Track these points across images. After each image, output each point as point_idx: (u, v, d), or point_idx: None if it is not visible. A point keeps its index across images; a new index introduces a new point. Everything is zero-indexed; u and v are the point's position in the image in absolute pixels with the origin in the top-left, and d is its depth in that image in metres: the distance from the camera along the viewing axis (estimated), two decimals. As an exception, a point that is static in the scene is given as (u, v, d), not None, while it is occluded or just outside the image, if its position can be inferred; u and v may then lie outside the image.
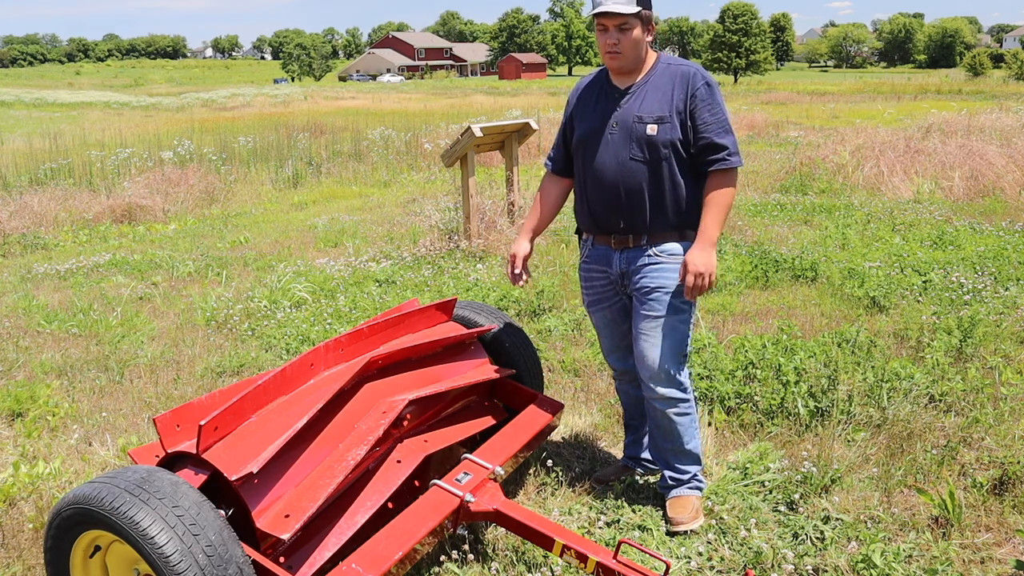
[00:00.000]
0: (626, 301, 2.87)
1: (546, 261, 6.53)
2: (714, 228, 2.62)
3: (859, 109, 24.99)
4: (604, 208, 2.75)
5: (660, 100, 2.64)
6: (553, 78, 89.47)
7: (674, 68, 2.68)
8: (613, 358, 3.02)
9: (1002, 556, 2.62)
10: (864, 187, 9.94)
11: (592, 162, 2.74)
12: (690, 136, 2.64)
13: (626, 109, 2.68)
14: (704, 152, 2.63)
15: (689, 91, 2.62)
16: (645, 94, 2.67)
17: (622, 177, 2.68)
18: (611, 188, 2.70)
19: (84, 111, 35.18)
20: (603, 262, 2.83)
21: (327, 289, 5.94)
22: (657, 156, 2.64)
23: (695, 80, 2.63)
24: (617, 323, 2.92)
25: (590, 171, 2.76)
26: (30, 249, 8.32)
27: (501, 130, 7.38)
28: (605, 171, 2.71)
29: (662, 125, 2.62)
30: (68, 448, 3.56)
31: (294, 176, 12.86)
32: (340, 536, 2.33)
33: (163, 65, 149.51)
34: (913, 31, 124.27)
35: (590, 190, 2.78)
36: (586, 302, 2.98)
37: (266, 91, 50.93)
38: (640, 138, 2.64)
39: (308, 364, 2.53)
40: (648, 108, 2.64)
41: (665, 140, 2.62)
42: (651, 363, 2.72)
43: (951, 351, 4.22)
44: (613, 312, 2.90)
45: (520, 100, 33.55)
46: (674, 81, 2.65)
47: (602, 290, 2.88)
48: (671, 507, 2.83)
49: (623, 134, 2.67)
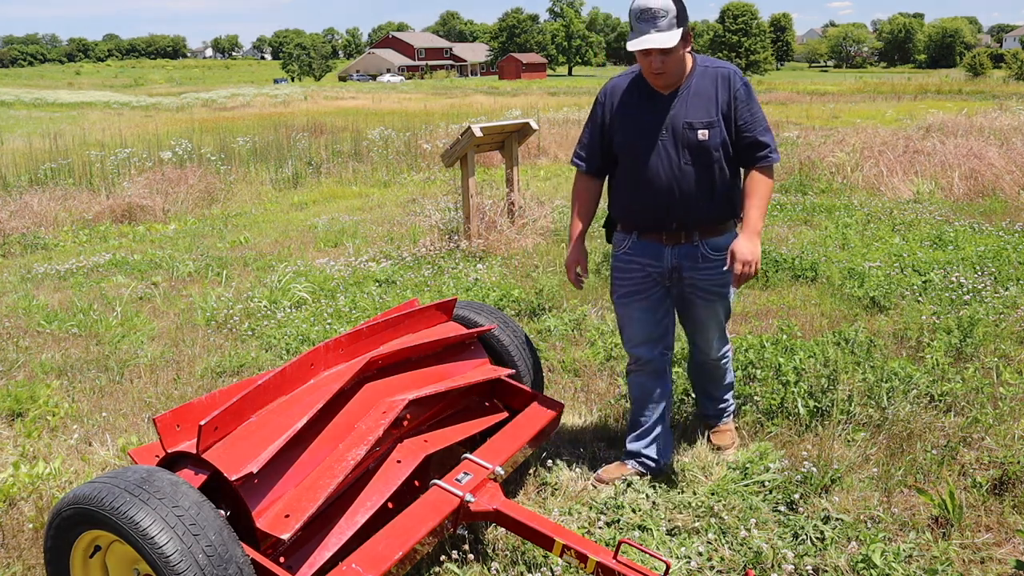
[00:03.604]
0: (663, 291, 3.00)
1: (546, 261, 6.53)
2: (759, 220, 2.79)
3: (859, 109, 24.99)
4: (657, 210, 2.86)
5: (706, 104, 2.77)
6: (553, 78, 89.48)
7: (712, 70, 2.81)
8: (644, 348, 3.07)
9: (1002, 556, 2.62)
10: (864, 187, 9.94)
11: (645, 167, 2.83)
12: (733, 135, 2.79)
13: (674, 115, 2.79)
14: (749, 150, 2.81)
15: (731, 92, 2.77)
16: (689, 98, 2.79)
17: (676, 181, 2.81)
18: (665, 192, 2.82)
19: (84, 111, 35.18)
20: (651, 256, 2.94)
21: (327, 289, 5.94)
22: (709, 159, 2.79)
23: (735, 81, 2.78)
24: (653, 312, 3.02)
25: (642, 175, 2.85)
26: (30, 249, 8.32)
27: (501, 130, 7.38)
28: (659, 176, 2.82)
29: (712, 129, 2.76)
30: (68, 448, 3.56)
31: (294, 176, 12.86)
32: (340, 536, 2.33)
33: (163, 65, 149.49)
34: (913, 31, 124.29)
35: (642, 193, 2.87)
36: (619, 294, 3.06)
37: (266, 91, 50.92)
38: (692, 144, 2.77)
39: (308, 364, 2.53)
40: (696, 114, 2.77)
41: (716, 143, 2.78)
42: (712, 337, 3.13)
43: (951, 351, 4.22)
44: (651, 302, 3.01)
45: (520, 100, 33.56)
46: (716, 84, 2.78)
47: (641, 282, 2.98)
48: (716, 438, 3.32)
49: (674, 140, 2.79)
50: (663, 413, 3.14)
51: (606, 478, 3.10)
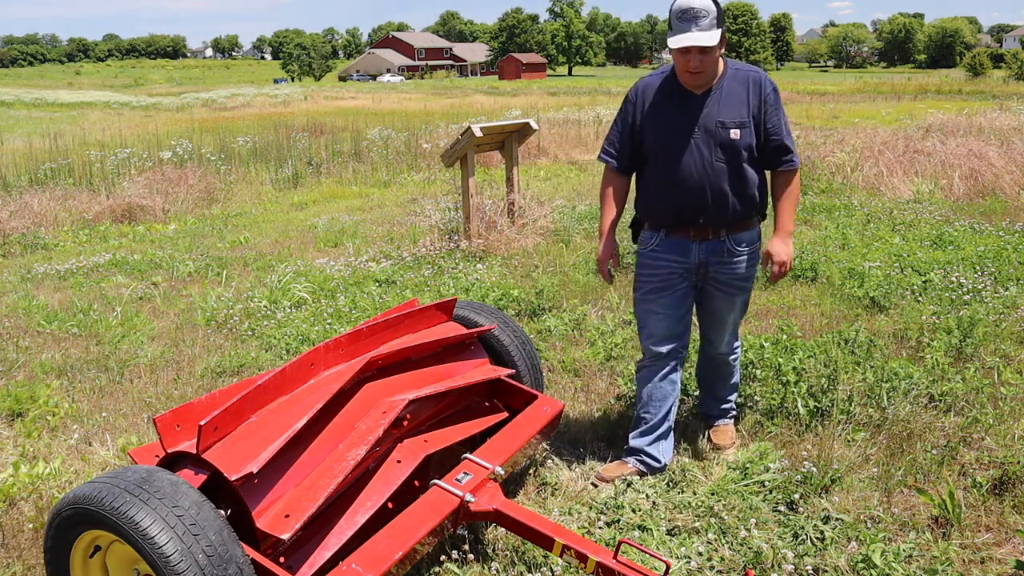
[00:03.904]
0: (687, 288, 3.08)
1: (545, 261, 6.53)
2: (790, 221, 3.01)
3: (859, 109, 24.99)
4: (687, 207, 2.93)
5: (737, 106, 2.86)
6: (553, 78, 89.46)
7: (743, 74, 2.91)
8: (667, 343, 3.11)
9: (1002, 556, 2.62)
10: (864, 187, 9.94)
11: (676, 165, 2.90)
12: (761, 137, 2.90)
13: (707, 115, 2.86)
14: (775, 153, 2.94)
15: (761, 96, 2.88)
16: (722, 99, 2.87)
17: (708, 179, 2.88)
18: (697, 189, 2.90)
19: (84, 111, 35.18)
20: (678, 252, 3.02)
21: (327, 289, 5.94)
22: (739, 158, 2.88)
23: (765, 86, 2.89)
24: (676, 308, 3.08)
25: (674, 174, 2.91)
26: (30, 249, 8.32)
27: (501, 130, 7.37)
28: (691, 174, 2.89)
29: (743, 130, 2.86)
30: (68, 448, 3.56)
31: (294, 176, 12.85)
32: (340, 536, 2.33)
33: (163, 65, 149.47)
34: (913, 31, 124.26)
35: (673, 191, 2.94)
36: (644, 290, 3.11)
37: (266, 91, 50.91)
38: (724, 142, 2.86)
39: (308, 364, 2.53)
40: (728, 114, 2.86)
41: (746, 144, 2.87)
42: (726, 331, 3.22)
43: (951, 351, 4.22)
44: (674, 299, 3.07)
45: (520, 100, 33.57)
46: (747, 87, 2.88)
47: (667, 278, 3.05)
48: (716, 437, 3.36)
49: (707, 139, 2.86)
50: (668, 412, 3.16)
51: (607, 476, 3.11)
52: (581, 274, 6.08)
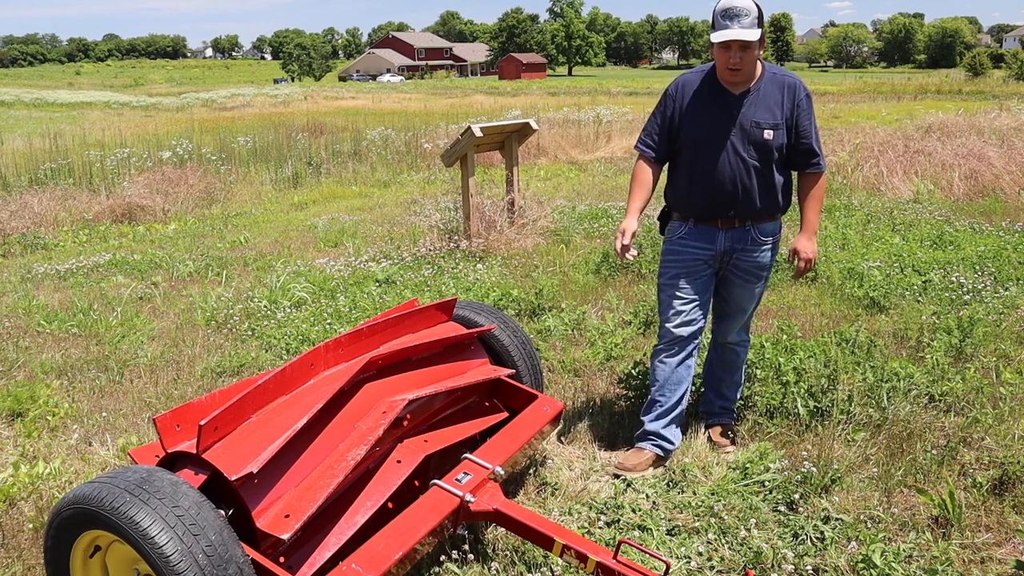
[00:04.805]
0: (710, 275, 3.22)
1: (545, 261, 6.53)
2: (816, 220, 3.19)
3: (859, 109, 24.99)
4: (718, 200, 3.08)
5: (773, 108, 3.00)
6: (553, 78, 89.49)
7: (779, 78, 3.04)
8: (687, 327, 3.21)
9: (1002, 556, 2.62)
10: (864, 187, 9.94)
11: (711, 160, 3.04)
12: (792, 139, 3.05)
13: (744, 114, 3.00)
14: (804, 156, 3.09)
15: (795, 101, 3.02)
16: (757, 101, 3.00)
17: (740, 175, 3.03)
18: (728, 184, 3.04)
19: (84, 111, 35.18)
20: (705, 240, 3.16)
21: (327, 289, 5.94)
22: (770, 158, 3.03)
23: (799, 91, 3.03)
24: (698, 293, 3.21)
25: (708, 168, 3.05)
26: (30, 249, 8.32)
27: (501, 130, 7.38)
28: (724, 169, 3.03)
29: (776, 131, 3.01)
30: (68, 448, 3.56)
31: (294, 176, 12.85)
32: (340, 536, 2.33)
33: (163, 65, 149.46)
34: (913, 31, 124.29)
35: (706, 184, 3.08)
36: (668, 275, 3.24)
37: (266, 91, 50.90)
38: (758, 142, 3.00)
39: (308, 364, 2.53)
40: (763, 115, 3.00)
41: (778, 144, 3.02)
42: (739, 320, 3.33)
43: (951, 351, 4.22)
44: (697, 284, 3.20)
45: (520, 100, 33.56)
46: (782, 90, 3.02)
47: (691, 264, 3.19)
48: (716, 435, 3.42)
49: (742, 137, 3.01)
50: (682, 397, 3.26)
51: (629, 465, 3.16)
52: (581, 274, 6.08)
